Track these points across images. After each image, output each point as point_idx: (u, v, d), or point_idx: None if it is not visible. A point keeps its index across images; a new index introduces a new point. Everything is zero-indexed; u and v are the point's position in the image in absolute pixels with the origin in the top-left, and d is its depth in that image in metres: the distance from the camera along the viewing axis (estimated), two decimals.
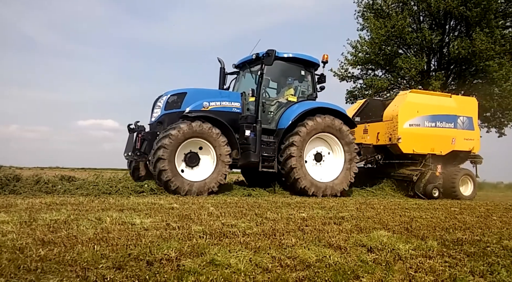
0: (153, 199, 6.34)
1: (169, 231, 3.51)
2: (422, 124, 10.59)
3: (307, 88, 9.64)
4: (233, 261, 2.58)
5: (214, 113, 8.16)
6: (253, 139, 8.34)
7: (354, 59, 20.95)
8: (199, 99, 8.29)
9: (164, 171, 7.30)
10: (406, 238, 3.66)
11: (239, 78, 10.08)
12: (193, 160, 7.83)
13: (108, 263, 2.42)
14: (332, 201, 7.48)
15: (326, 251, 2.95)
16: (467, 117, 11.27)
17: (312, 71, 9.66)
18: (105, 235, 3.22)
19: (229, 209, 5.40)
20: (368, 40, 20.57)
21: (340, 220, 4.69)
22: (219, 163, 7.83)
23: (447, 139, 10.87)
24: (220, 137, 7.83)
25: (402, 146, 10.35)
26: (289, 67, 9.38)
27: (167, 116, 8.13)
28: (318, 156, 9.15)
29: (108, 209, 4.85)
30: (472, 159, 11.71)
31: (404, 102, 10.59)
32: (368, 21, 20.22)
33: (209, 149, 7.86)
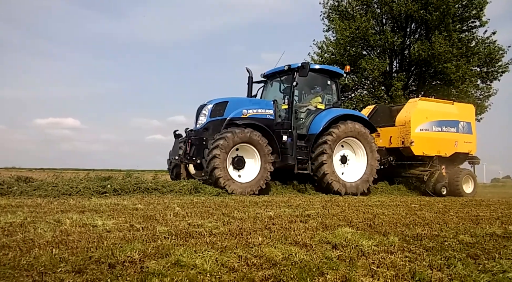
0: (116, 199, 6.16)
1: (133, 233, 3.42)
2: (430, 129, 11.72)
3: (332, 96, 10.58)
4: (199, 261, 2.55)
5: (252, 119, 8.98)
6: (290, 143, 9.24)
7: (320, 59, 21.29)
8: (239, 107, 9.10)
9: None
10: (369, 234, 3.75)
11: (266, 86, 11.00)
12: (240, 164, 8.62)
13: (67, 267, 2.33)
14: (298, 200, 7.57)
15: (292, 249, 2.97)
16: (467, 122, 12.47)
17: (336, 81, 10.65)
18: (65, 238, 3.09)
19: (195, 209, 5.34)
20: (333, 41, 20.98)
21: (306, 218, 4.75)
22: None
23: (451, 142, 12.02)
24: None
25: (414, 149, 11.39)
26: (317, 77, 10.25)
27: (212, 123, 8.95)
28: (343, 159, 10.06)
29: (68, 210, 4.67)
30: (470, 160, 12.87)
31: (416, 109, 11.69)
32: (334, 23, 20.63)
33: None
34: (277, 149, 8.91)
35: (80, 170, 19.84)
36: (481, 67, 20.08)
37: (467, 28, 20.20)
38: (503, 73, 20.02)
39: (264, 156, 8.62)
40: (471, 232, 4.06)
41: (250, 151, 8.65)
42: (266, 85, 10.98)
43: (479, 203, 8.44)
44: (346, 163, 10.08)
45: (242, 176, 8.63)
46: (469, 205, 7.78)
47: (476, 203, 8.41)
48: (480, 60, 19.58)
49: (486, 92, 20.76)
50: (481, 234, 3.99)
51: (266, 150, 8.63)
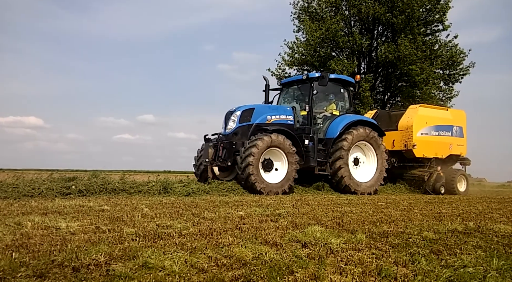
0: (81, 201, 5.97)
1: (99, 235, 3.32)
2: (429, 133, 12.91)
3: (344, 103, 11.50)
4: (167, 263, 2.50)
5: (276, 125, 9.79)
6: (312, 147, 10.11)
7: (290, 59, 21.48)
8: (264, 113, 9.96)
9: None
10: (338, 232, 3.82)
11: (282, 94, 11.86)
12: (269, 166, 9.39)
13: (28, 272, 2.23)
14: (269, 199, 7.59)
15: (263, 248, 2.97)
16: (459, 126, 13.73)
17: (348, 89, 11.55)
18: (25, 241, 2.96)
19: (164, 209, 5.25)
20: (304, 42, 21.21)
21: (277, 217, 4.78)
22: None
23: (446, 145, 13.25)
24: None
25: (415, 152, 12.50)
26: (331, 86, 10.89)
27: (241, 128, 9.76)
28: (356, 161, 10.92)
29: (30, 213, 4.47)
30: (462, 161, 14.12)
31: (417, 115, 12.83)
32: (304, 23, 20.85)
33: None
34: (301, 152, 9.72)
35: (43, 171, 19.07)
36: (444, 69, 20.91)
37: (430, 32, 20.97)
38: (464, 75, 20.94)
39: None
40: (434, 229, 4.21)
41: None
42: (282, 92, 11.88)
43: (442, 201, 8.78)
44: (358, 165, 10.94)
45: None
46: (433, 203, 8.07)
47: (439, 201, 8.75)
48: (443, 63, 20.38)
49: (448, 93, 21.64)
50: (443, 230, 4.15)
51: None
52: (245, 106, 10.05)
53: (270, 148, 9.21)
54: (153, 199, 6.78)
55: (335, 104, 11.28)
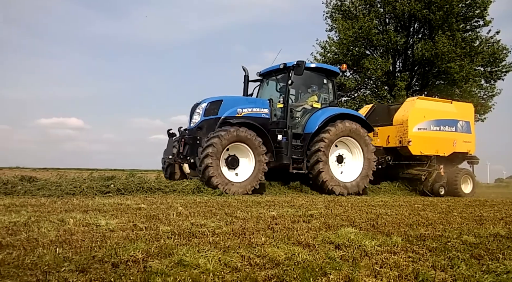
0: (119, 199, 6.18)
1: (136, 232, 3.43)
2: (428, 128, 11.63)
3: (328, 95, 10.49)
4: (201, 261, 2.55)
5: (247, 118, 8.89)
6: (285, 143, 9.15)
7: (323, 59, 21.27)
8: (233, 106, 9.05)
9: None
10: (372, 234, 3.74)
11: (262, 85, 10.89)
12: (233, 163, 8.56)
13: (70, 266, 2.33)
14: (301, 200, 7.56)
15: (295, 249, 2.97)
16: (465, 121, 12.35)
17: (333, 80, 10.58)
18: (68, 237, 3.10)
19: (198, 208, 5.35)
20: (336, 41, 20.96)
21: (309, 218, 4.75)
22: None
23: (449, 141, 11.92)
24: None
25: (411, 148, 11.32)
26: (313, 76, 10.18)
27: (206, 122, 8.89)
28: (339, 158, 9.99)
29: (72, 210, 4.68)
30: (469, 160, 12.75)
31: (413, 108, 11.56)
32: (337, 22, 20.60)
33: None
34: (271, 148, 8.85)
35: (83, 170, 19.91)
36: (485, 66, 20.03)
37: (470, 28, 20.15)
38: (507, 72, 19.97)
39: (258, 155, 8.53)
40: (475, 233, 4.04)
41: (244, 150, 8.57)
42: (262, 84, 10.90)
43: (483, 204, 8.40)
44: (342, 163, 10.03)
45: (236, 175, 8.60)
46: (473, 206, 7.75)
47: (480, 204, 8.38)
48: (484, 60, 19.51)
49: (490, 92, 20.70)
50: (484, 234, 3.97)
51: (260, 149, 8.53)
52: (212, 98, 9.23)
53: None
54: (187, 198, 6.92)
55: (317, 96, 10.28)
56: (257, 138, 8.54)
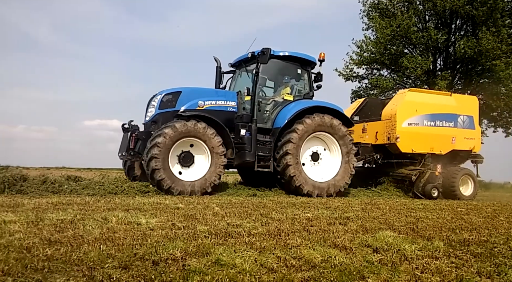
0: (158, 199, 6.35)
1: (175, 231, 3.52)
2: (421, 123, 10.54)
3: (303, 87, 9.52)
4: (238, 261, 2.58)
5: (209, 112, 8.15)
6: (248, 138, 8.30)
7: (359, 58, 20.91)
8: (194, 98, 8.27)
9: (157, 170, 7.25)
10: (412, 238, 3.64)
11: (235, 77, 10.03)
12: (187, 160, 7.81)
13: (114, 263, 2.43)
14: (337, 202, 7.46)
15: (332, 252, 2.94)
16: (468, 116, 11.17)
17: (308, 70, 9.55)
18: (111, 235, 3.23)
19: (234, 209, 5.40)
20: (373, 40, 20.53)
21: (346, 221, 4.68)
22: (213, 163, 7.79)
23: (447, 138, 10.79)
24: (215, 136, 7.78)
25: (400, 146, 10.29)
26: (286, 66, 9.31)
27: (161, 116, 8.12)
28: (315, 156, 9.10)
29: (114, 209, 4.87)
30: (473, 158, 11.60)
31: (403, 101, 10.51)
32: (374, 21, 20.18)
33: (203, 148, 7.82)
34: (231, 144, 8.13)
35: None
36: None
37: None
38: None
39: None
40: None
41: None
42: (235, 75, 10.08)
43: None
44: (318, 161, 9.13)
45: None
46: None
47: None
48: None
49: None
50: None
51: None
52: (169, 89, 8.44)
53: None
54: (223, 199, 7.01)
55: (291, 88, 9.39)
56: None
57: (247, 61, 9.39)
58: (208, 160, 7.83)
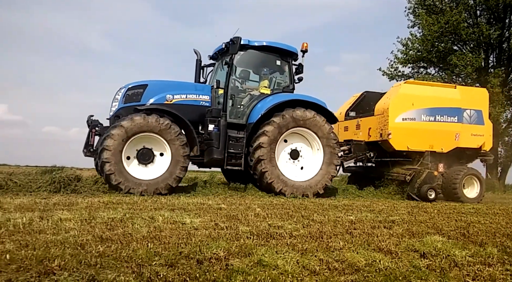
0: (202, 199, 6.51)
1: (218, 231, 3.59)
2: (418, 118, 9.63)
3: (284, 79, 8.92)
4: (280, 262, 2.59)
5: (179, 106, 7.77)
6: (216, 134, 7.80)
7: (404, 57, 20.20)
8: (163, 91, 7.86)
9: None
10: (463, 244, 3.47)
11: (215, 70, 9.43)
12: (146, 157, 7.33)
13: (161, 261, 2.53)
14: (381, 204, 7.26)
15: (376, 255, 2.87)
16: (476, 110, 10.14)
17: (289, 61, 8.89)
18: (158, 233, 3.36)
19: (275, 210, 5.42)
20: (419, 37, 19.77)
21: (391, 224, 4.55)
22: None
23: (449, 134, 9.84)
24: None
25: (393, 143, 9.46)
26: (264, 57, 8.70)
27: (125, 110, 7.68)
28: (294, 153, 8.48)
29: (160, 208, 5.05)
30: (481, 157, 10.63)
31: (397, 94, 9.68)
32: (420, 18, 19.44)
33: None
34: (195, 141, 7.67)
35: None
36: None
37: None
38: None
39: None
40: None
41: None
42: (215, 68, 9.42)
43: None
44: (298, 159, 8.50)
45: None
46: None
47: None
48: None
49: None
50: None
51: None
52: (135, 82, 7.97)
53: (143, 133, 7.17)
54: (264, 200, 7.05)
55: (269, 81, 8.79)
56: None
57: (224, 53, 8.72)
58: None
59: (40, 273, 2.16)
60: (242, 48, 8.29)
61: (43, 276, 2.13)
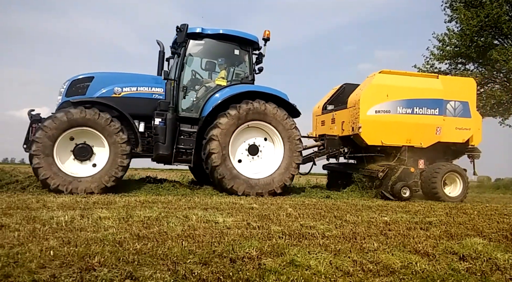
0: (234, 199, 6.58)
1: (250, 231, 3.62)
2: (393, 111, 8.90)
3: (243, 70, 8.40)
4: (313, 262, 2.58)
5: (128, 99, 7.47)
6: (162, 128, 7.40)
7: (441, 53, 19.53)
8: (111, 84, 7.51)
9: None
10: (506, 246, 3.32)
11: (174, 61, 8.74)
12: (83, 153, 6.99)
13: (195, 259, 2.58)
14: (417, 205, 7.06)
15: (412, 257, 2.80)
16: (461, 101, 9.39)
17: (249, 50, 8.33)
18: (192, 232, 3.43)
19: (307, 210, 5.39)
20: (457, 32, 19.05)
21: (427, 225, 4.42)
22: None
23: (429, 128, 9.10)
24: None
25: (365, 137, 8.77)
26: (221, 46, 8.20)
27: (68, 104, 7.27)
28: (253, 149, 7.94)
29: (194, 207, 5.15)
30: (469, 153, 9.84)
31: (369, 85, 8.96)
32: (458, 12, 18.72)
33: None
34: (135, 136, 7.34)
35: None
36: None
37: None
38: None
39: (111, 141, 6.92)
40: None
41: (98, 137, 7.00)
42: (174, 60, 8.72)
43: None
44: (258, 155, 7.96)
45: (85, 169, 7.01)
46: None
47: None
48: None
49: None
50: None
51: (113, 134, 6.92)
52: (80, 75, 7.57)
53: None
54: (296, 200, 7.02)
55: (227, 71, 8.30)
56: (114, 123, 6.94)
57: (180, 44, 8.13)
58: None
59: (82, 269, 2.26)
60: (197, 37, 7.93)
61: (84, 272, 2.22)
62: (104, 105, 7.13)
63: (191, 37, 7.89)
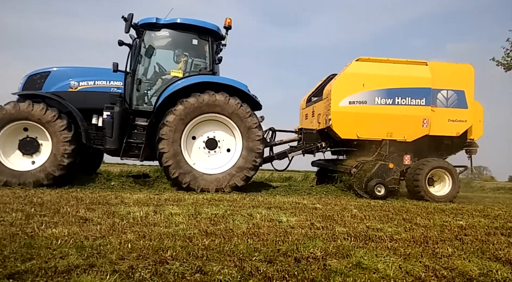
0: (296, 198, 6.56)
1: (314, 231, 3.60)
2: (370, 101, 8.04)
3: (203, 61, 7.95)
4: (381, 266, 2.51)
5: (85, 94, 7.42)
6: (109, 122, 7.21)
7: None
8: (65, 79, 7.51)
9: None
10: None
11: None
12: (27, 147, 7.02)
13: (260, 256, 2.63)
14: (497, 209, 6.51)
15: (492, 265, 2.61)
16: (455, 90, 8.31)
17: (209, 40, 7.87)
18: (256, 230, 3.49)
19: (373, 212, 5.23)
20: None
21: (509, 231, 4.07)
22: (54, 150, 6.90)
23: (413, 120, 8.14)
24: (59, 125, 6.92)
25: (337, 130, 8.04)
26: (178, 36, 7.84)
27: (24, 98, 7.23)
28: (211, 143, 7.57)
29: (258, 206, 5.24)
30: (466, 148, 8.72)
31: (342, 74, 8.19)
32: None
33: (45, 133, 6.97)
34: (85, 129, 7.13)
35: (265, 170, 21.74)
36: None
37: None
38: None
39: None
40: None
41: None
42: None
43: None
44: (216, 149, 7.56)
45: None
46: None
47: None
48: None
49: None
50: None
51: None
52: (36, 70, 7.54)
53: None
54: (361, 201, 6.83)
55: (185, 63, 7.83)
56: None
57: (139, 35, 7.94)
58: (49, 148, 7.00)
59: (156, 262, 2.41)
60: (153, 27, 7.66)
61: (159, 264, 2.37)
62: (53, 100, 7.17)
63: (146, 28, 7.67)
